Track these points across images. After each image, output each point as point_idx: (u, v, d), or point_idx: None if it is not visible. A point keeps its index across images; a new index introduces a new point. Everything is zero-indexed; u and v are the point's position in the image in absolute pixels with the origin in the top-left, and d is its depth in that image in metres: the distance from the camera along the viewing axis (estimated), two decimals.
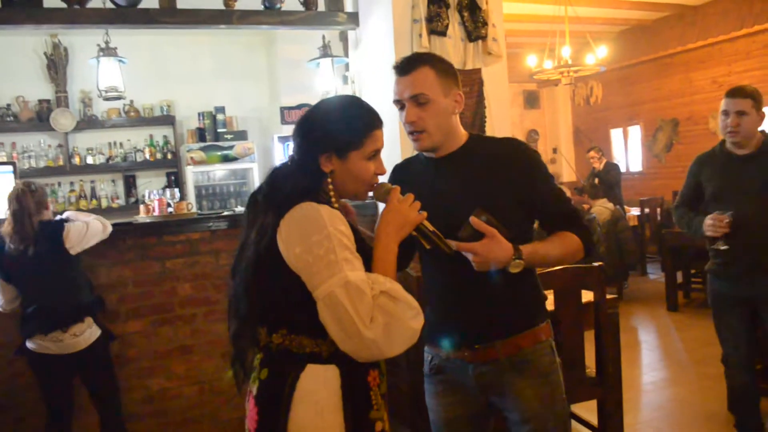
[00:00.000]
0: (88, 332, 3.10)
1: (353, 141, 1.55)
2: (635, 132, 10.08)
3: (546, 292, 2.90)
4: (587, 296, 3.05)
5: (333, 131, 1.55)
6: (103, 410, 3.26)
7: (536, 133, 11.44)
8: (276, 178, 1.58)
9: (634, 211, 8.16)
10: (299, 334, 1.47)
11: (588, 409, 3.28)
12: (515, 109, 11.20)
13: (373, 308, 1.38)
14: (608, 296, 3.11)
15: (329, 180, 1.56)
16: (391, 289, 1.42)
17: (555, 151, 11.45)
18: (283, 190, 1.51)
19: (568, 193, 6.89)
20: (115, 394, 3.30)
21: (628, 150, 10.28)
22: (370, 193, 1.66)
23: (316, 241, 1.40)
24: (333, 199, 1.57)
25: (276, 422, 1.44)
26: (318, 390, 1.45)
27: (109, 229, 3.29)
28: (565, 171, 11.24)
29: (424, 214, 1.60)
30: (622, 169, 10.19)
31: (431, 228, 1.64)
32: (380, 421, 1.53)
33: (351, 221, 1.59)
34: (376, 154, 1.60)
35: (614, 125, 10.42)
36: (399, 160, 2.13)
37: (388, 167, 1.76)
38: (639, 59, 9.54)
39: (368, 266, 1.48)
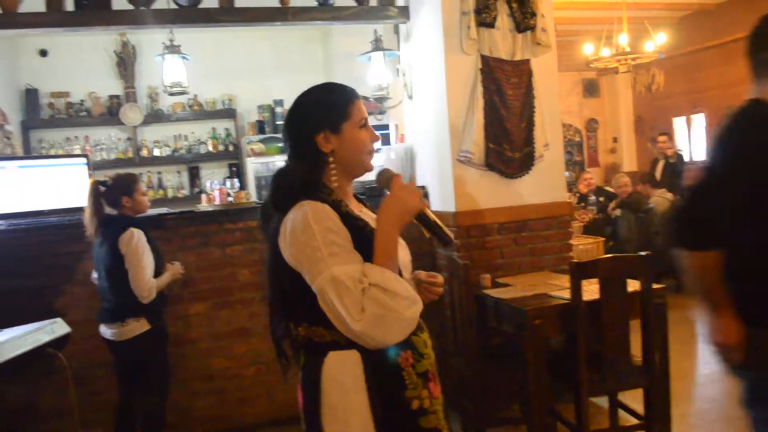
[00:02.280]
0: (127, 328, 3.18)
1: (341, 112, 1.64)
2: (699, 120, 9.79)
3: (590, 280, 2.97)
4: (635, 286, 3.07)
5: (320, 110, 1.64)
6: (137, 404, 3.34)
7: (596, 122, 11.24)
8: (277, 178, 1.66)
9: None
10: (318, 326, 1.55)
11: (634, 399, 3.30)
12: (573, 98, 11.04)
13: (364, 300, 1.44)
14: (656, 286, 3.12)
15: (331, 161, 1.63)
16: (382, 281, 1.46)
17: (615, 140, 11.22)
18: (283, 188, 1.61)
19: (625, 181, 6.81)
20: (147, 394, 3.29)
21: (691, 139, 9.99)
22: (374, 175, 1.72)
23: (303, 241, 1.49)
24: (335, 183, 1.63)
25: (314, 402, 1.58)
26: (342, 373, 1.54)
27: (143, 291, 3.14)
28: (626, 160, 11.02)
29: (426, 202, 1.64)
30: (686, 159, 9.96)
31: (432, 217, 1.66)
32: (416, 400, 1.58)
33: (366, 209, 1.73)
34: (365, 122, 1.67)
35: (677, 113, 10.13)
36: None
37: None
38: (703, 45, 9.25)
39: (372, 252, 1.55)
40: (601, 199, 7.30)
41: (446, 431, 1.65)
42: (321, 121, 1.63)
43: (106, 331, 3.24)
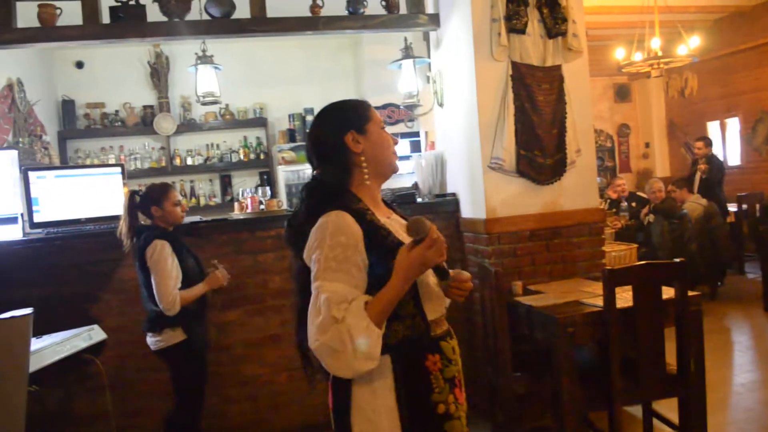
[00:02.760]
0: (164, 338, 3.19)
1: (363, 114, 1.75)
2: (733, 124, 9.61)
3: (624, 287, 2.94)
4: (669, 293, 3.02)
5: (344, 113, 1.75)
6: (171, 412, 3.33)
7: (627, 128, 11.10)
8: (308, 188, 1.73)
9: (731, 207, 7.80)
10: None
11: (670, 408, 3.24)
12: (605, 103, 10.93)
13: (330, 327, 1.49)
14: (691, 293, 3.07)
15: (362, 159, 1.71)
16: (354, 326, 1.49)
17: (647, 145, 11.07)
18: (315, 197, 1.68)
19: (659, 186, 6.70)
20: (180, 405, 3.28)
21: (726, 143, 9.80)
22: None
23: (318, 247, 1.57)
24: (367, 182, 1.72)
25: (344, 403, 1.63)
26: (371, 375, 1.57)
27: (166, 303, 3.11)
28: (659, 166, 10.86)
29: (444, 256, 1.59)
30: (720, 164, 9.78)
31: (444, 265, 1.64)
32: (443, 404, 1.62)
33: (396, 215, 1.81)
34: (383, 126, 1.77)
35: (711, 118, 9.95)
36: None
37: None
38: (737, 47, 9.09)
39: (387, 263, 1.57)
40: (634, 204, 7.21)
41: None
42: (346, 122, 1.72)
43: (148, 340, 3.26)
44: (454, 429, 1.64)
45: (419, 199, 4.41)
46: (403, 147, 6.59)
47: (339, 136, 1.70)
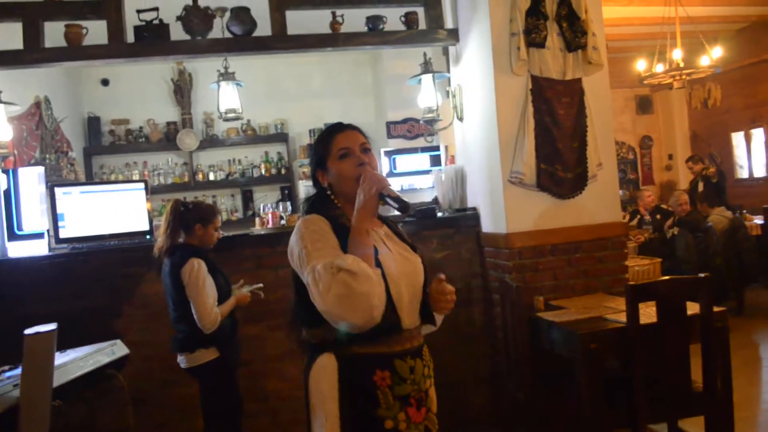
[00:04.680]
0: (196, 356, 3.18)
1: (322, 152, 1.87)
2: (758, 135, 9.47)
3: (648, 303, 2.90)
4: (695, 308, 2.98)
5: (313, 151, 1.93)
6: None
7: (650, 139, 11.00)
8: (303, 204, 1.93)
9: (758, 220, 7.67)
10: (312, 328, 1.74)
11: (696, 426, 3.18)
12: (627, 114, 10.85)
13: (332, 283, 1.56)
14: (716, 309, 3.02)
15: (329, 193, 1.85)
16: (351, 265, 1.57)
17: (670, 157, 10.95)
18: (305, 208, 1.88)
19: (685, 199, 6.62)
20: (210, 428, 3.28)
21: (751, 154, 9.67)
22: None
23: (297, 245, 1.72)
24: (339, 205, 1.84)
25: (306, 400, 1.77)
26: (321, 381, 1.70)
27: (206, 322, 3.12)
28: (682, 178, 10.73)
29: (383, 182, 1.71)
30: (746, 175, 9.64)
31: (394, 194, 1.73)
32: (391, 420, 1.68)
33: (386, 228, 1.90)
34: (345, 152, 1.83)
35: (735, 128, 9.83)
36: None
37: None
38: (761, 57, 8.99)
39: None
40: (658, 217, 7.12)
41: None
42: (314, 161, 1.90)
43: (179, 359, 3.24)
44: None
45: (439, 214, 4.40)
46: (422, 161, 6.59)
47: (313, 172, 1.91)
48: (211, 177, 7.56)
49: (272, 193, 7.79)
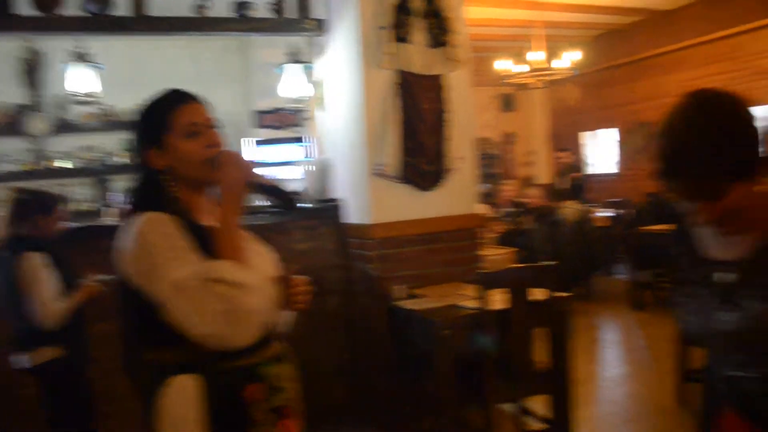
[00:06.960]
0: (37, 355, 2.99)
1: (161, 125, 1.54)
2: (607, 135, 10.30)
3: (498, 290, 3.06)
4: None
5: (144, 125, 1.58)
6: None
7: (513, 136, 11.60)
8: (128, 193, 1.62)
9: (607, 212, 8.30)
10: (163, 346, 1.46)
11: (544, 404, 3.41)
12: (491, 112, 11.35)
13: (209, 298, 1.35)
14: (563, 294, 3.25)
15: (166, 178, 1.53)
16: (226, 274, 1.38)
17: (531, 153, 11.62)
18: (130, 203, 1.57)
19: (535, 193, 7.05)
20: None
21: (600, 153, 10.51)
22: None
23: (139, 254, 1.43)
24: (177, 196, 1.54)
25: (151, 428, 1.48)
26: (179, 404, 1.42)
27: (45, 317, 2.94)
28: (543, 173, 11.40)
29: (248, 169, 1.52)
30: (596, 171, 10.44)
31: (268, 182, 1.59)
32: None
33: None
34: (195, 129, 1.55)
35: (587, 128, 10.63)
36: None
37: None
38: (613, 62, 9.75)
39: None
40: (515, 210, 7.53)
41: None
42: (145, 135, 1.57)
43: (17, 359, 3.00)
44: None
45: (300, 205, 4.36)
46: (294, 152, 6.54)
47: (140, 152, 1.57)
48: (66, 165, 7.05)
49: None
